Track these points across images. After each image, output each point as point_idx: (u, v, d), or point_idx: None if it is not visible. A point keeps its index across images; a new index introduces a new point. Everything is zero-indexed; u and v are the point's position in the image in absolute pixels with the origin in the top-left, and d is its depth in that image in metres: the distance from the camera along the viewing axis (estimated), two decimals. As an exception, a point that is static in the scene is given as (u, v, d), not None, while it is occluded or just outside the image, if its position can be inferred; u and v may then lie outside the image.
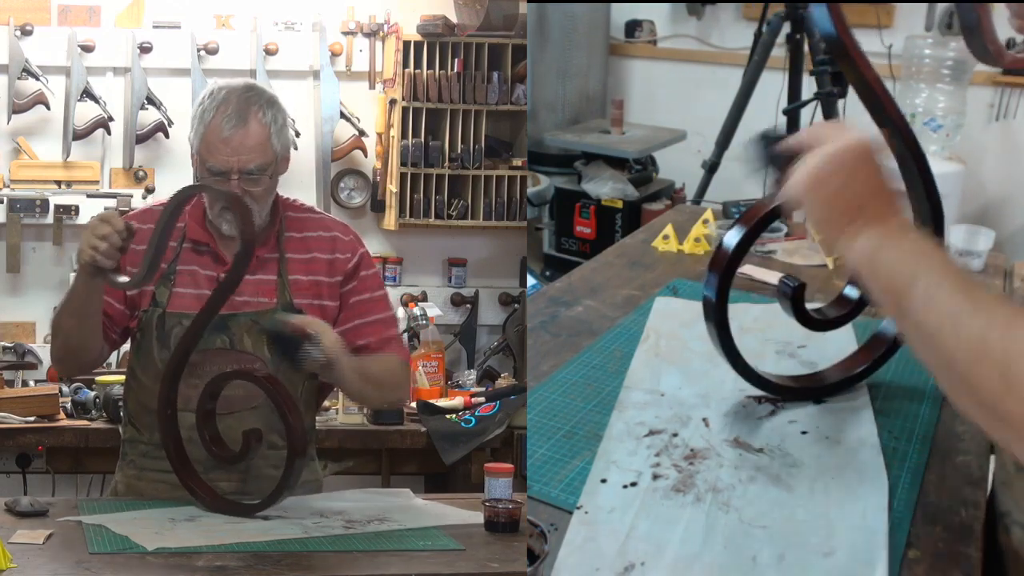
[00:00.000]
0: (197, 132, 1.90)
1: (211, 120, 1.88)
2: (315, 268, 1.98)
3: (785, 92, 4.44)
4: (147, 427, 1.93)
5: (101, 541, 1.56)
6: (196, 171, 1.95)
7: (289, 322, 1.85)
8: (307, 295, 1.96)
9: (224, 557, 1.52)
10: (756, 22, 4.56)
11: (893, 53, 4.84)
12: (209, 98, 1.90)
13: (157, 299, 1.93)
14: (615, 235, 4.66)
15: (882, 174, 1.21)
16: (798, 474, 1.46)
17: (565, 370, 1.81)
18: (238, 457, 1.80)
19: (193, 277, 1.94)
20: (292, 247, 1.98)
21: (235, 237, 1.90)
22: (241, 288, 1.90)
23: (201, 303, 1.88)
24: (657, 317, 2.02)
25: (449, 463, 2.93)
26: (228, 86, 1.93)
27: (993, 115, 4.91)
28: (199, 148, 1.90)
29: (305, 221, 2.01)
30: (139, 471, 1.96)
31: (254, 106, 1.90)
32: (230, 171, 1.87)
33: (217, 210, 1.92)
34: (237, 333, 1.92)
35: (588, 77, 5.47)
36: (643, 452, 1.51)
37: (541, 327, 2.01)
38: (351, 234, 2.04)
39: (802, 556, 1.27)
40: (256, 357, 1.91)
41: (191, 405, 1.82)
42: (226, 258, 1.95)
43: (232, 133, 1.87)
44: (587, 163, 4.96)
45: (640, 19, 5.74)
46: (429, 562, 1.58)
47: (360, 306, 2.00)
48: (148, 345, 1.93)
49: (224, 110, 1.88)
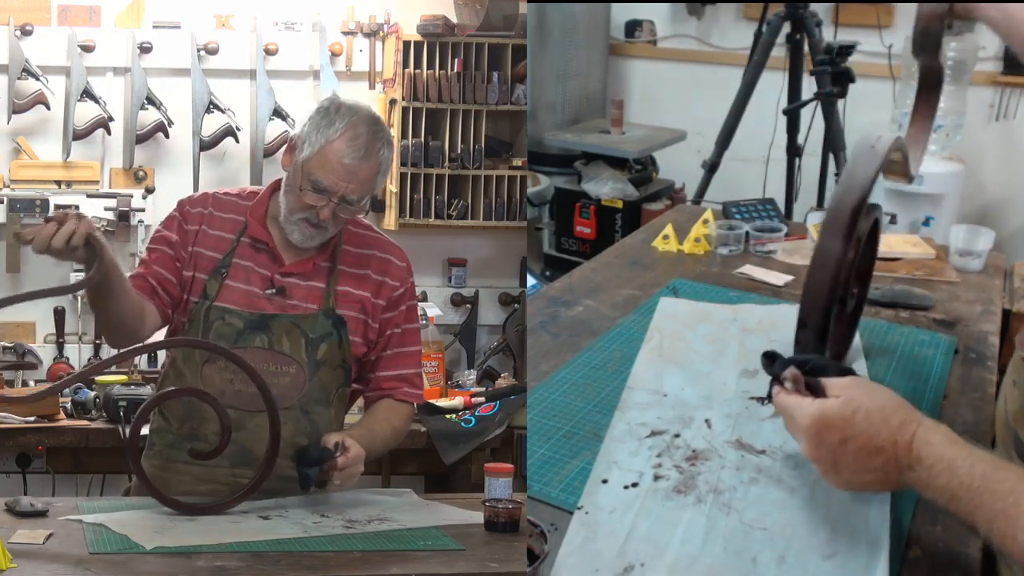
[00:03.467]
0: (314, 143, 1.90)
1: (336, 140, 1.89)
2: (366, 285, 2.01)
3: (785, 92, 4.44)
4: (178, 418, 1.96)
5: (101, 541, 1.56)
6: (291, 174, 1.94)
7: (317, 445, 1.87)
8: (353, 308, 1.99)
9: (224, 557, 1.52)
10: (756, 22, 4.55)
11: (893, 53, 4.84)
12: (337, 115, 1.91)
13: (207, 291, 1.95)
14: (615, 235, 4.66)
15: (860, 411, 1.21)
16: (800, 476, 1.45)
17: (565, 370, 1.81)
18: (212, 454, 1.79)
19: (247, 273, 1.97)
20: (347, 260, 2.01)
21: (301, 247, 1.95)
22: (291, 291, 1.96)
23: (250, 300, 1.94)
24: (661, 317, 2.02)
25: (449, 463, 2.93)
26: (358, 109, 1.93)
27: (993, 115, 4.91)
28: (310, 159, 1.90)
29: (364, 238, 2.04)
30: (165, 461, 1.97)
31: (379, 142, 1.92)
32: (335, 194, 1.89)
33: (295, 218, 1.93)
34: (276, 333, 1.94)
35: (588, 77, 5.47)
36: (645, 453, 1.51)
37: (541, 327, 2.01)
38: (405, 261, 2.07)
39: (802, 558, 1.27)
40: (291, 359, 1.93)
41: (224, 398, 1.84)
42: (283, 259, 1.98)
43: (353, 162, 1.89)
44: (587, 163, 4.96)
45: (640, 19, 5.73)
46: (429, 562, 1.58)
47: (395, 338, 2.04)
48: (193, 336, 1.94)
49: (353, 137, 1.89)
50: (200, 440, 1.92)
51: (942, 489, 1.14)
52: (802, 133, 4.42)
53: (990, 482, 1.10)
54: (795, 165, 4.49)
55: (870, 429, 1.19)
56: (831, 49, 3.97)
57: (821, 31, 4.28)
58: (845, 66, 3.96)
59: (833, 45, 3.99)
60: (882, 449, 1.18)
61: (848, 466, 1.22)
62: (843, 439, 1.21)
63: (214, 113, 3.39)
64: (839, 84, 3.98)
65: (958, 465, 1.13)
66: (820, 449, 1.24)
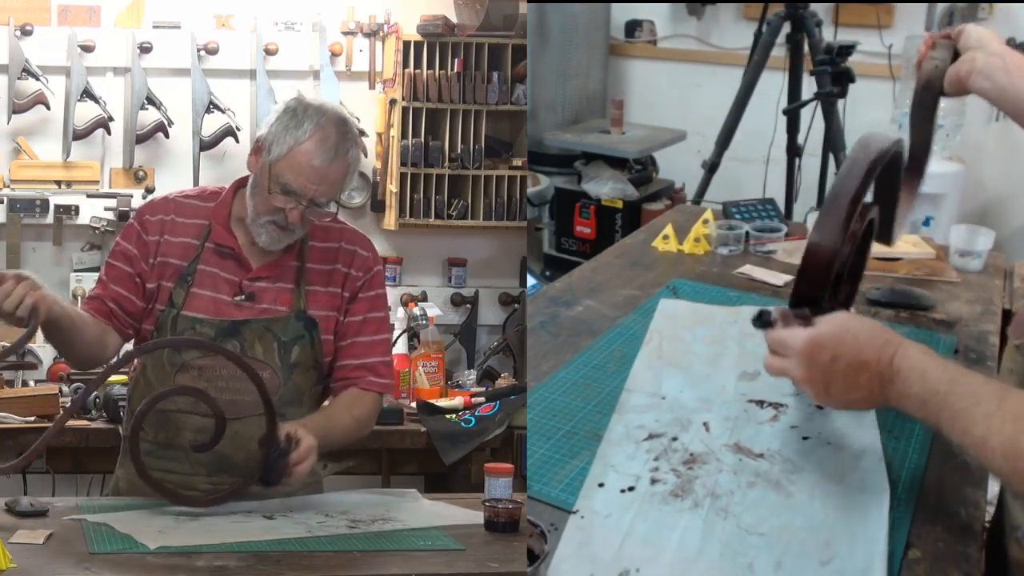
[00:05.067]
0: (282, 144, 1.86)
1: (305, 141, 1.85)
2: (335, 279, 1.98)
3: (785, 92, 4.44)
4: (152, 427, 1.93)
5: (102, 541, 1.56)
6: (258, 175, 1.91)
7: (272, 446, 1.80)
8: (323, 307, 1.97)
9: (224, 557, 1.52)
10: (756, 22, 4.55)
11: (893, 53, 4.84)
12: (305, 115, 1.87)
13: (173, 299, 1.92)
14: (615, 235, 4.66)
15: (850, 332, 1.32)
16: (798, 480, 1.44)
17: (565, 370, 1.81)
18: (208, 446, 1.79)
19: (213, 280, 1.93)
20: (314, 257, 1.98)
21: (267, 249, 1.92)
22: (260, 295, 1.92)
23: (218, 307, 1.90)
24: (661, 319, 2.02)
25: (449, 463, 2.94)
26: (325, 110, 1.90)
27: (993, 115, 4.90)
28: (279, 161, 1.86)
29: (329, 231, 2.00)
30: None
31: (348, 143, 1.90)
32: (304, 196, 1.87)
33: (263, 221, 1.89)
34: (248, 339, 1.91)
35: (588, 77, 5.47)
36: (642, 456, 1.50)
37: (541, 327, 2.01)
38: (370, 250, 2.04)
39: (799, 564, 1.26)
40: (265, 364, 1.91)
41: (199, 406, 1.82)
42: (251, 264, 1.94)
43: (323, 164, 1.86)
44: (587, 163, 4.95)
45: (640, 19, 5.73)
46: (429, 562, 1.58)
47: (354, 327, 2.00)
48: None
49: (322, 139, 1.86)
50: (176, 448, 1.90)
51: (915, 397, 1.25)
52: (802, 133, 4.42)
53: (956, 385, 1.21)
54: (795, 165, 4.48)
55: (858, 346, 1.30)
56: (831, 49, 3.97)
57: (821, 31, 4.28)
58: (845, 66, 3.95)
59: (833, 45, 3.98)
60: (868, 365, 1.29)
61: (838, 384, 1.32)
62: (833, 357, 1.31)
63: (214, 113, 3.39)
64: (839, 84, 3.98)
65: (930, 373, 1.25)
66: (812, 370, 1.33)
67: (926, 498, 1.44)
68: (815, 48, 4.19)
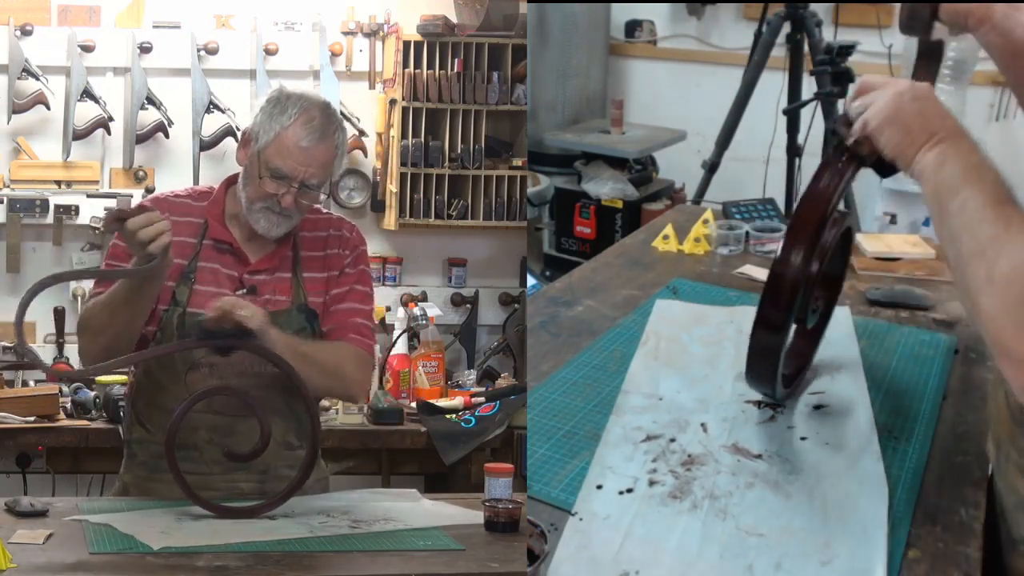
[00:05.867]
0: (269, 131, 1.89)
1: (291, 125, 1.88)
2: (328, 264, 2.01)
3: (785, 92, 4.44)
4: (160, 427, 1.90)
5: (103, 541, 1.56)
6: (248, 166, 1.93)
7: (211, 317, 1.79)
8: (321, 293, 1.99)
9: (224, 557, 1.52)
10: (756, 22, 4.55)
11: (893, 53, 4.84)
12: (289, 102, 1.90)
13: (177, 298, 1.92)
14: (615, 235, 4.66)
15: (943, 106, 1.38)
16: (796, 481, 1.44)
17: (565, 370, 1.81)
18: (249, 456, 1.80)
19: (215, 276, 1.94)
20: (307, 245, 2.00)
21: (267, 236, 1.93)
22: (261, 288, 1.94)
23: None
24: (657, 320, 2.02)
25: (449, 463, 2.94)
26: (307, 96, 1.93)
27: (993, 115, 4.90)
28: (267, 147, 1.89)
29: (317, 221, 2.03)
30: (150, 472, 1.95)
31: (333, 125, 1.92)
32: (294, 179, 1.89)
33: (257, 207, 1.91)
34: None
35: (588, 77, 5.47)
36: (640, 458, 1.50)
37: (541, 327, 2.01)
38: (355, 232, 2.07)
39: (799, 565, 1.26)
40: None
41: (212, 404, 1.84)
42: (249, 258, 1.96)
43: (310, 145, 1.89)
44: (587, 163, 4.95)
45: (640, 19, 5.73)
46: (429, 562, 1.58)
47: (341, 295, 2.01)
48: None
49: (307, 120, 1.89)
50: (190, 448, 1.88)
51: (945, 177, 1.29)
52: (802, 133, 4.42)
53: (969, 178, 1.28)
54: (795, 165, 4.48)
55: (936, 104, 1.37)
56: (831, 49, 3.97)
57: (821, 31, 4.28)
58: (845, 66, 3.95)
59: (833, 45, 3.98)
60: (934, 117, 1.35)
61: (901, 119, 1.37)
62: (915, 97, 1.38)
63: (214, 113, 3.39)
64: (839, 84, 3.98)
65: (971, 153, 1.32)
66: (892, 99, 1.38)
67: (926, 498, 1.44)
68: (815, 48, 4.19)
